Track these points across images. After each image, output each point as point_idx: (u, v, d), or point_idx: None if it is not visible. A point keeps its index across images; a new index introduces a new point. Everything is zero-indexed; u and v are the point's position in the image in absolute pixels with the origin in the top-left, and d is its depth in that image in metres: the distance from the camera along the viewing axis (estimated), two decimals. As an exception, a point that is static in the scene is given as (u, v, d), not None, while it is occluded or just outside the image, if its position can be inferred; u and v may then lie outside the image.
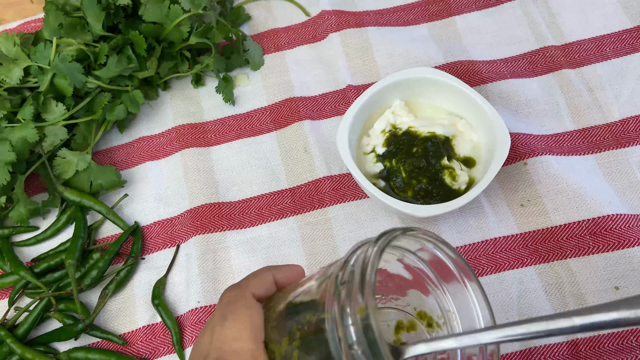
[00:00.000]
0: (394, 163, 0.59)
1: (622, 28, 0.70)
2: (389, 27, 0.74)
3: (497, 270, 0.58)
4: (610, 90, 0.66)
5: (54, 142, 0.63)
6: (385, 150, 0.60)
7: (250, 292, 0.38)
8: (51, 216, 0.66)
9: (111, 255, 0.61)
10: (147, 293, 0.61)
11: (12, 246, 0.64)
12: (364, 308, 0.30)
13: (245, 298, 0.37)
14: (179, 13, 0.65)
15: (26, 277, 0.60)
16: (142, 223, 0.65)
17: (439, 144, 0.59)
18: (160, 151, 0.69)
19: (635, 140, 0.63)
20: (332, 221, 0.62)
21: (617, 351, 0.54)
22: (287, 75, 0.72)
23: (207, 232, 0.63)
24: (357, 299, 0.31)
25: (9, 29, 0.77)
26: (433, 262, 0.39)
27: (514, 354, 0.55)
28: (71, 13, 0.66)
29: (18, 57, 0.63)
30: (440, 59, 0.70)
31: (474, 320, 0.38)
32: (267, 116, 0.69)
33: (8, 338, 0.57)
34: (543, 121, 0.66)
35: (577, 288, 0.57)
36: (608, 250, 0.57)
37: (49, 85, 0.62)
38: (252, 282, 0.39)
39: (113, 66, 0.63)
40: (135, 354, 0.59)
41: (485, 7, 0.74)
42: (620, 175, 0.62)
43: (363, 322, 0.30)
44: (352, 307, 0.31)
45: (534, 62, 0.69)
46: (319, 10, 0.75)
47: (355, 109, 0.60)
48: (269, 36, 0.75)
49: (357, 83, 0.70)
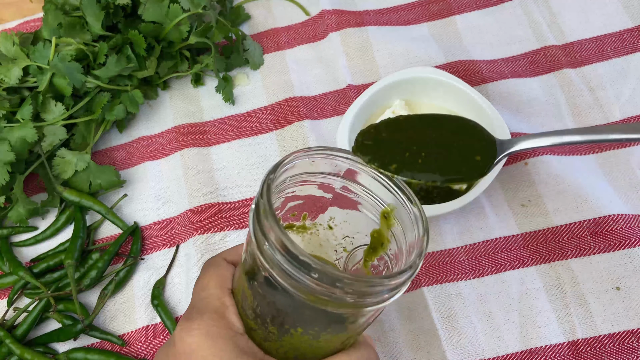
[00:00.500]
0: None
1: (623, 27, 0.70)
2: (389, 26, 0.74)
3: (498, 271, 0.58)
4: (611, 89, 0.66)
5: (53, 142, 0.63)
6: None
7: (222, 256, 0.43)
8: (50, 216, 0.66)
9: (110, 256, 0.61)
10: (147, 293, 0.61)
11: (11, 246, 0.64)
12: (270, 226, 0.34)
13: (216, 260, 0.43)
14: (178, 12, 0.65)
15: (25, 278, 0.60)
16: (141, 223, 0.65)
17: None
18: (160, 151, 0.68)
19: (637, 140, 0.63)
20: (332, 221, 0.62)
21: (618, 352, 0.54)
22: (287, 74, 0.71)
23: (207, 232, 0.63)
24: (264, 222, 0.34)
25: (8, 28, 0.77)
26: (346, 173, 0.41)
27: (514, 354, 0.55)
28: (70, 12, 0.66)
29: (17, 56, 0.63)
30: (440, 58, 0.70)
31: (409, 217, 0.39)
32: (267, 116, 0.69)
33: (7, 338, 0.57)
34: (544, 121, 0.66)
35: (578, 288, 0.56)
36: (609, 250, 0.57)
37: (48, 85, 0.62)
38: (226, 250, 0.44)
39: (112, 66, 0.63)
40: (135, 355, 0.58)
41: (485, 7, 0.74)
42: (621, 175, 0.62)
43: (271, 234, 0.34)
44: (262, 228, 0.34)
45: (535, 61, 0.69)
46: (319, 10, 0.75)
47: (355, 109, 0.60)
48: (269, 36, 0.75)
49: (357, 83, 0.70)
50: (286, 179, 0.39)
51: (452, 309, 0.57)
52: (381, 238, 0.42)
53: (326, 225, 0.46)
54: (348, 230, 0.45)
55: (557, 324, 0.55)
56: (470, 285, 0.58)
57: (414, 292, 0.58)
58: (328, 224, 0.46)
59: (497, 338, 0.55)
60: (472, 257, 0.59)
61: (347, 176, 0.41)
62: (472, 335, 0.56)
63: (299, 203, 0.43)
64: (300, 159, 0.38)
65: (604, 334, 0.54)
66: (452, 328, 0.56)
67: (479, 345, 0.55)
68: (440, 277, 0.58)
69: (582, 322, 0.55)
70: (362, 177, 0.41)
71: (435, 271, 0.59)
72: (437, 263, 0.59)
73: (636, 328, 0.54)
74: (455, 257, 0.59)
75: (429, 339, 0.56)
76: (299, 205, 0.43)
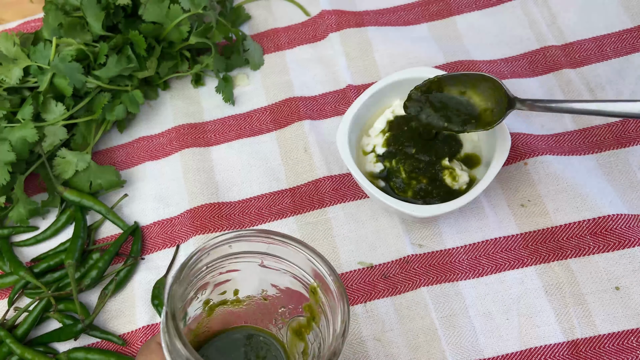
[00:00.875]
0: (394, 163, 0.59)
1: (622, 28, 0.70)
2: (389, 26, 0.74)
3: (497, 271, 0.58)
4: (610, 90, 0.66)
5: (53, 142, 0.63)
6: (385, 151, 0.60)
7: (157, 341, 0.43)
8: (51, 216, 0.66)
9: (111, 256, 0.61)
10: (147, 293, 0.61)
11: (12, 246, 0.64)
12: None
13: (150, 346, 0.43)
14: (178, 13, 0.65)
15: (26, 277, 0.60)
16: (141, 223, 0.65)
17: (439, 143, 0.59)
18: (160, 151, 0.68)
19: (636, 140, 0.63)
20: (332, 221, 0.62)
21: (617, 351, 0.54)
22: (287, 75, 0.72)
23: (207, 232, 0.63)
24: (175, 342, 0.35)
25: (8, 28, 0.77)
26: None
27: (513, 353, 0.55)
28: (71, 13, 0.66)
29: (18, 56, 0.63)
30: (440, 58, 0.70)
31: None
32: (267, 116, 0.69)
33: (8, 338, 0.57)
34: (543, 121, 0.66)
35: (578, 288, 0.56)
36: (608, 250, 0.57)
37: (48, 85, 0.62)
38: (158, 335, 0.42)
39: (113, 66, 0.63)
40: (135, 354, 0.59)
41: (485, 7, 0.74)
42: (621, 175, 0.62)
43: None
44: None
45: (535, 61, 0.69)
46: (319, 10, 0.75)
47: (355, 109, 0.60)
48: (269, 36, 0.75)
49: (357, 83, 0.70)
50: (202, 268, 0.39)
51: (452, 309, 0.57)
52: (312, 312, 0.42)
53: (260, 297, 0.45)
54: (283, 302, 0.45)
55: (557, 324, 0.55)
56: (469, 285, 0.58)
57: (413, 292, 0.58)
58: (262, 296, 0.45)
59: (496, 338, 0.55)
60: (471, 257, 0.59)
61: (272, 252, 0.41)
62: (471, 335, 0.56)
63: (227, 280, 0.43)
64: (210, 249, 0.38)
65: (603, 334, 0.55)
66: (451, 328, 0.56)
67: (478, 344, 0.55)
68: (440, 277, 0.58)
69: (582, 322, 0.55)
70: (287, 253, 0.40)
71: (434, 271, 0.59)
72: (436, 263, 0.59)
73: (635, 328, 0.54)
74: (455, 257, 0.59)
75: (429, 339, 0.56)
76: (227, 281, 0.43)
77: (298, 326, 0.44)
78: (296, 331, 0.44)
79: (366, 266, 0.60)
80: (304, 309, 0.43)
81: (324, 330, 0.40)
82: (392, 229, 0.61)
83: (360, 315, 0.58)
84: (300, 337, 0.44)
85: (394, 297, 0.58)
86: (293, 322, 0.44)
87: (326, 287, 0.39)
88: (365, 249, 0.61)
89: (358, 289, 0.59)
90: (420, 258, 0.59)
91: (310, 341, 0.43)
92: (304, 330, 0.44)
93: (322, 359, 0.37)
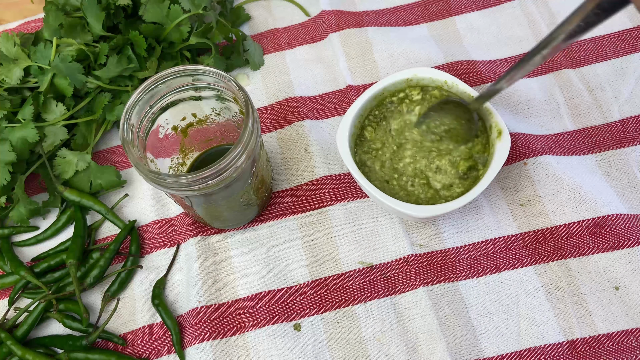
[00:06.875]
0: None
1: (622, 28, 0.70)
2: (389, 27, 0.74)
3: (496, 271, 0.58)
4: (610, 90, 0.67)
5: (54, 142, 0.63)
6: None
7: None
8: (51, 216, 0.66)
9: (112, 254, 0.61)
10: (147, 293, 0.61)
11: (12, 246, 0.64)
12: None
13: None
14: (179, 13, 0.65)
15: (26, 277, 0.60)
16: (141, 223, 0.65)
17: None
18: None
19: (635, 140, 0.63)
20: (332, 221, 0.63)
21: (616, 351, 0.54)
22: (287, 75, 0.72)
23: (207, 233, 0.63)
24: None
25: (9, 29, 0.77)
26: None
27: (513, 353, 0.55)
28: (71, 13, 0.66)
29: (18, 57, 0.63)
30: (440, 59, 0.70)
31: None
32: (267, 116, 0.69)
33: (8, 340, 0.57)
34: (543, 121, 0.66)
35: (577, 288, 0.57)
36: (608, 250, 0.58)
37: (49, 85, 0.62)
38: None
39: (113, 66, 0.63)
40: (135, 354, 0.59)
41: (485, 7, 0.74)
42: (620, 175, 0.62)
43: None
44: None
45: (534, 62, 0.69)
46: (319, 10, 0.75)
47: (355, 109, 0.60)
48: (269, 36, 0.75)
49: (357, 83, 0.70)
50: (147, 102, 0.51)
51: (451, 309, 0.57)
52: (242, 112, 0.52)
53: (214, 114, 0.57)
54: (230, 116, 0.57)
55: (556, 324, 0.55)
56: (469, 285, 0.58)
57: (413, 292, 0.58)
58: (215, 113, 0.57)
59: (496, 337, 0.56)
60: (471, 257, 0.59)
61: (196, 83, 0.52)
62: (471, 335, 0.56)
63: (179, 109, 0.55)
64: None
65: (603, 334, 0.55)
66: (451, 328, 0.56)
67: (477, 344, 0.55)
68: (440, 277, 0.58)
69: (581, 322, 0.55)
70: (206, 80, 0.52)
71: (434, 271, 0.59)
72: (436, 263, 0.59)
73: (635, 327, 0.55)
74: (455, 257, 0.59)
75: (429, 338, 0.56)
76: (180, 110, 0.55)
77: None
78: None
79: (366, 266, 0.60)
80: (240, 112, 0.54)
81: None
82: (392, 228, 0.61)
83: (360, 315, 0.58)
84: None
85: (393, 296, 0.58)
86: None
87: (235, 89, 0.50)
88: (365, 249, 0.61)
89: (358, 289, 0.59)
90: (420, 258, 0.59)
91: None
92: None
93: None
